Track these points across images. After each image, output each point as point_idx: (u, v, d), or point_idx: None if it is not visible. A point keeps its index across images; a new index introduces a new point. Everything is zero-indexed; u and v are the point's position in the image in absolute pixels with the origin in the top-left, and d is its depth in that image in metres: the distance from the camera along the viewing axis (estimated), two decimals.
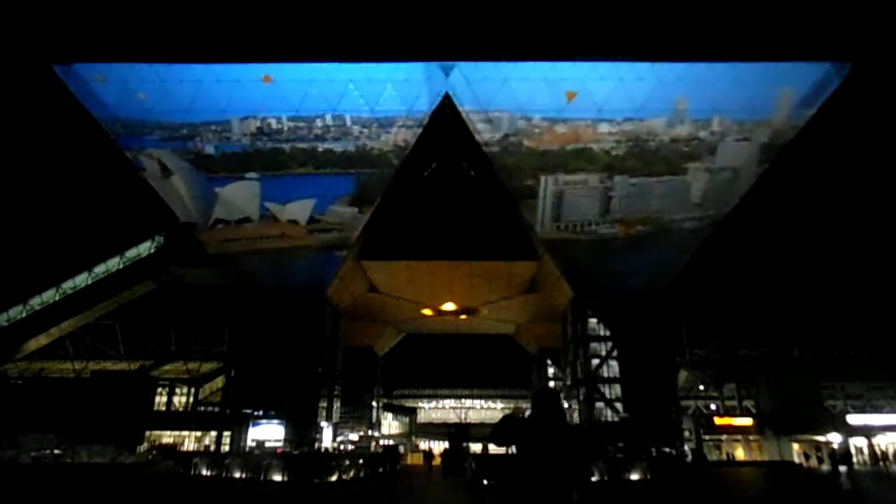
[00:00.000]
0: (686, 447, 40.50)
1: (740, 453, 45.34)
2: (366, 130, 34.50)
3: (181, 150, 34.88)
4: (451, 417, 71.37)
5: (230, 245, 37.92)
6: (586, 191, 36.08)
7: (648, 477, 26.74)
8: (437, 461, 40.25)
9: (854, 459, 40.64)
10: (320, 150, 35.18)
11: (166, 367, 51.57)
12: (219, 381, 49.91)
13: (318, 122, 34.44)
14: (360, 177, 35.95)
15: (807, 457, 40.05)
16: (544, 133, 34.37)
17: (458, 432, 50.79)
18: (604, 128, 34.13)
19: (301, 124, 34.54)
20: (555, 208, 36.53)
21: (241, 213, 36.73)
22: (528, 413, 5.45)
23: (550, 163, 35.21)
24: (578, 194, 36.18)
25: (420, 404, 73.58)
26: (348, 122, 34.39)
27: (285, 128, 34.62)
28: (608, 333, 40.45)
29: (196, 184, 35.90)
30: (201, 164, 35.40)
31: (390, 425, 65.82)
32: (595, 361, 40.00)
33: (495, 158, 35.27)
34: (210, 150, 34.90)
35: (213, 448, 40.19)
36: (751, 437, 44.87)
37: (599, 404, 39.14)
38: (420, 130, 34.29)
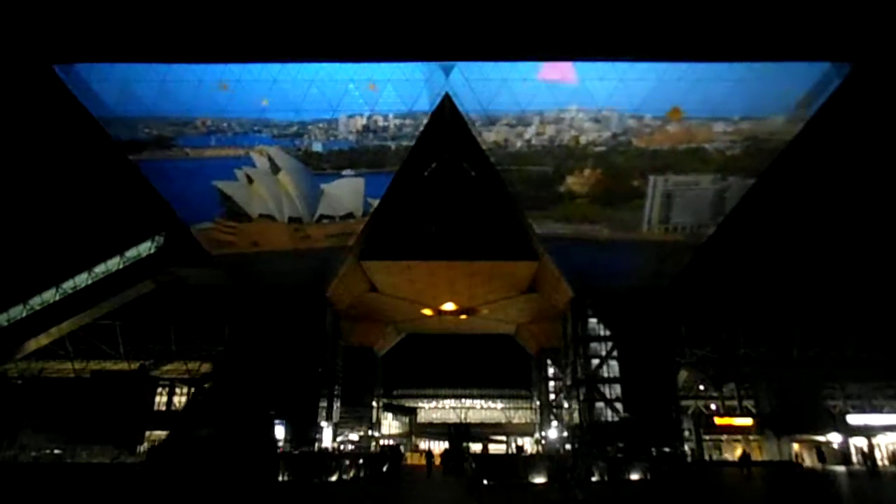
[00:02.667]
0: (686, 447, 40.47)
1: (740, 453, 45.24)
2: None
3: (290, 147, 35.58)
4: (451, 417, 71.24)
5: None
6: (699, 192, 35.49)
7: (649, 477, 26.73)
8: (437, 461, 40.19)
9: (854, 460, 40.69)
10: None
11: (166, 367, 51.51)
12: None
13: (425, 120, 34.59)
14: None
15: (821, 457, 39.08)
16: (655, 132, 33.93)
17: (458, 432, 50.83)
18: (719, 127, 33.54)
19: (408, 122, 34.74)
20: (663, 209, 36.09)
21: (346, 208, 37.12)
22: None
23: (660, 163, 34.71)
24: (690, 195, 35.62)
25: (420, 404, 73.47)
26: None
27: (391, 125, 34.88)
28: (608, 333, 40.44)
29: (303, 180, 36.56)
30: (309, 161, 36.01)
31: (390, 425, 65.78)
32: (595, 361, 40.00)
33: (604, 158, 34.92)
34: (317, 147, 35.58)
35: None
36: (751, 437, 44.83)
37: (599, 404, 39.13)
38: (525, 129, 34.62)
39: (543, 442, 56.85)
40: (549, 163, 35.42)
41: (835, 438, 41.58)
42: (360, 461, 31.67)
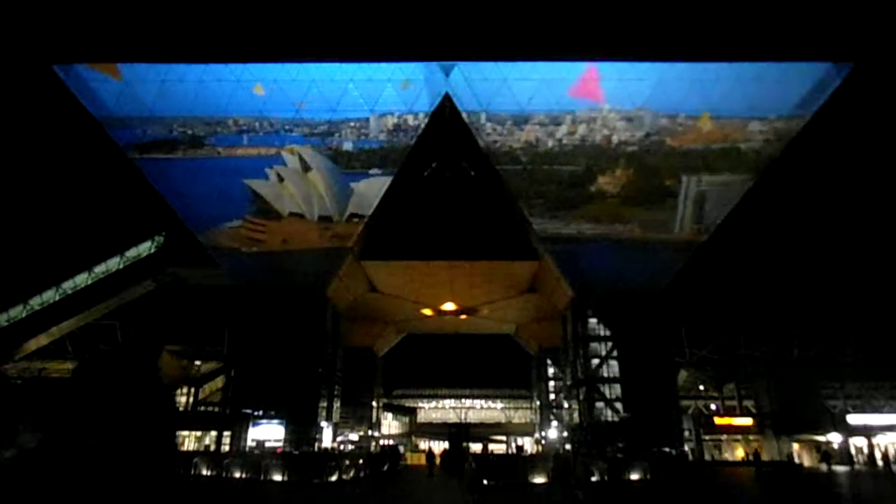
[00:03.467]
0: (686, 447, 40.48)
1: (740, 453, 45.31)
2: (499, 128, 34.71)
3: (321, 146, 35.67)
4: (451, 417, 71.29)
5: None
6: (733, 192, 35.24)
7: (648, 477, 26.73)
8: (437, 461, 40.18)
9: (855, 460, 40.67)
10: None
11: None
12: (219, 381, 49.87)
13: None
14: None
15: (826, 458, 38.88)
16: (688, 131, 33.70)
17: (458, 432, 50.79)
18: (754, 126, 33.21)
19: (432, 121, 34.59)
20: (696, 209, 35.85)
21: (375, 207, 37.14)
22: None
23: (693, 162, 34.51)
24: (723, 195, 35.34)
25: (420, 404, 73.55)
26: (482, 119, 34.59)
27: (422, 124, 34.79)
28: (608, 333, 40.43)
29: (333, 178, 36.63)
30: (339, 160, 36.09)
31: (390, 425, 65.78)
32: (595, 361, 39.99)
33: (632, 157, 34.79)
34: (348, 146, 35.65)
35: (213, 448, 40.16)
36: (751, 437, 44.84)
37: (599, 404, 39.13)
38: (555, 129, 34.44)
39: (543, 442, 56.86)
40: (581, 162, 35.37)
41: (835, 438, 41.60)
42: (360, 461, 31.68)
